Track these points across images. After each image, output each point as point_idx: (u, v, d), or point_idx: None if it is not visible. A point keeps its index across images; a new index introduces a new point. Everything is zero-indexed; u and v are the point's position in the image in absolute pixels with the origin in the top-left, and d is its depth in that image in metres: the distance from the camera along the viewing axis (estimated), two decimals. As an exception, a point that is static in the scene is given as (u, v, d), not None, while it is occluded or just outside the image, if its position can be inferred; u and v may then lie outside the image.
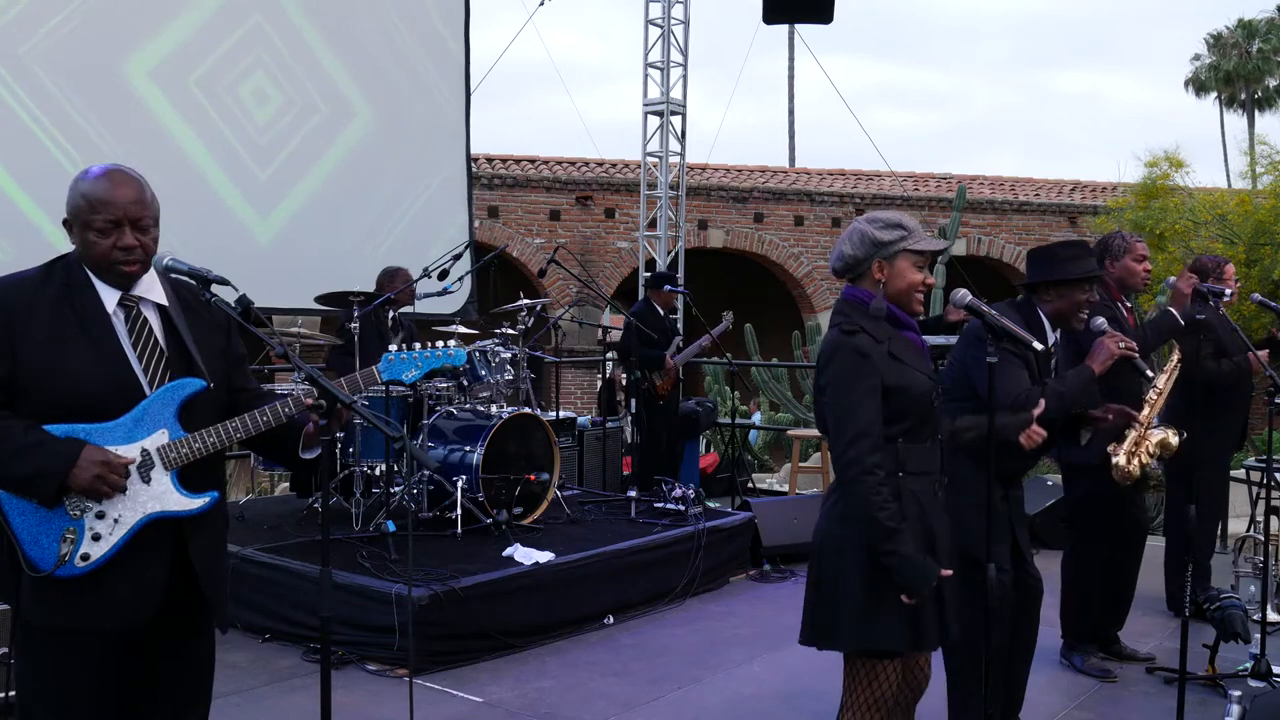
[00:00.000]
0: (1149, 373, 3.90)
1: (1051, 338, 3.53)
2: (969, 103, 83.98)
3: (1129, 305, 4.37)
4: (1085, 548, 4.48)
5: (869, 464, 2.55)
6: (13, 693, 2.36)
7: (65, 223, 2.28)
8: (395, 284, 6.27)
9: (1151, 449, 4.14)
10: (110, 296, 2.28)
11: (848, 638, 2.67)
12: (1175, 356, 4.34)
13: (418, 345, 2.67)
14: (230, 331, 2.46)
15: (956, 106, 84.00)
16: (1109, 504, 4.30)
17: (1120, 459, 4.13)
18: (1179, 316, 4.21)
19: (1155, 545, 6.13)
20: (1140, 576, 5.46)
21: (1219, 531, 6.86)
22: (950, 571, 2.61)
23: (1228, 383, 4.84)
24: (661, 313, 7.63)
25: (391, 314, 6.20)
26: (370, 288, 6.35)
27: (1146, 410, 4.23)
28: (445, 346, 2.69)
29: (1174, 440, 4.19)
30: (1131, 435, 4.14)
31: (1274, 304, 4.41)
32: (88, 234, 2.23)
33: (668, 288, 7.73)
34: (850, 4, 52.24)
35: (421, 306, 6.37)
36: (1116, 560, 4.50)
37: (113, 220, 2.22)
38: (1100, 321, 3.69)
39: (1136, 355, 3.63)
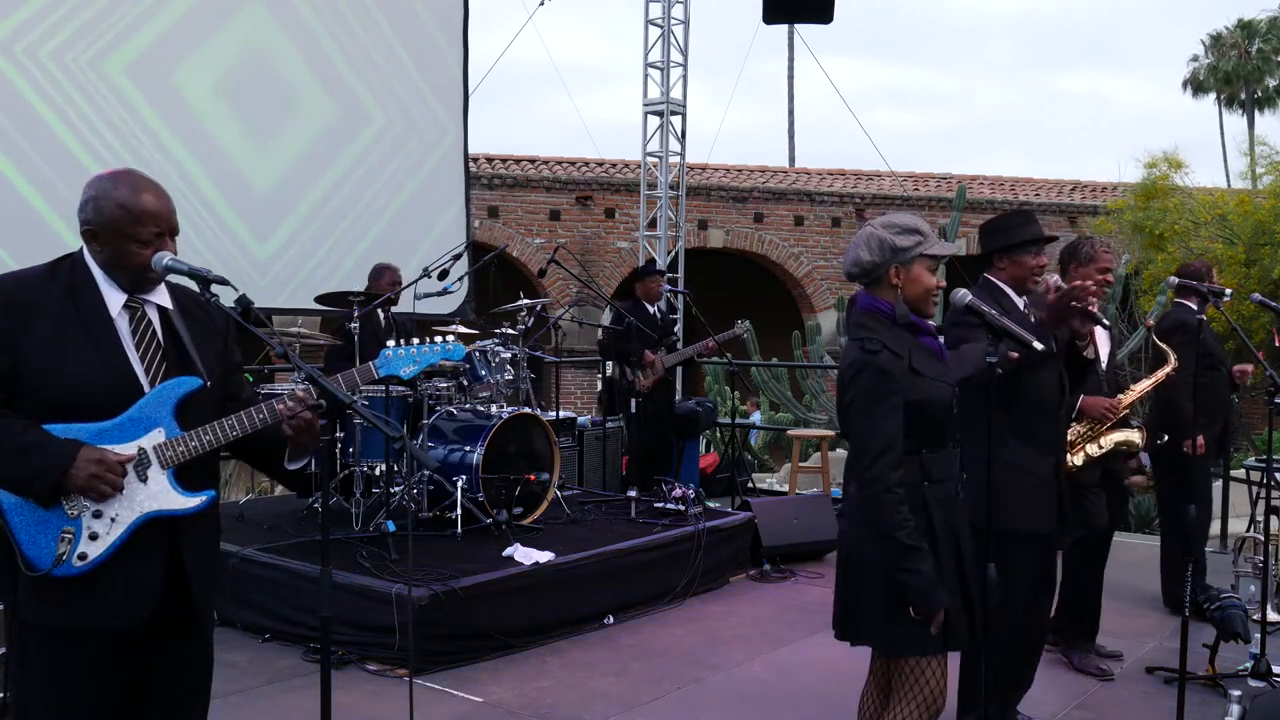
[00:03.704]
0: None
1: (1020, 301, 3.58)
2: (970, 103, 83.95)
3: None
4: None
5: (890, 482, 2.59)
6: (10, 694, 2.35)
7: (88, 232, 2.26)
8: (381, 282, 6.27)
9: (1105, 443, 4.09)
10: (116, 299, 2.28)
11: (879, 639, 2.73)
12: (1168, 367, 4.35)
13: (415, 341, 2.66)
14: (228, 338, 2.45)
15: (957, 107, 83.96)
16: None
17: None
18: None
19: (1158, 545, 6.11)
20: (1140, 576, 5.44)
21: (1221, 532, 6.86)
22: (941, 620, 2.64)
23: (1198, 407, 4.79)
24: (650, 309, 7.57)
25: (385, 313, 6.19)
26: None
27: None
28: (444, 342, 2.69)
29: (1137, 439, 4.17)
30: (1076, 428, 4.10)
31: (1274, 304, 4.39)
32: (128, 245, 2.23)
33: (665, 284, 7.69)
34: (850, 4, 52.19)
35: (418, 306, 6.37)
36: (1072, 559, 4.47)
37: (158, 232, 2.25)
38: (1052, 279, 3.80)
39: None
